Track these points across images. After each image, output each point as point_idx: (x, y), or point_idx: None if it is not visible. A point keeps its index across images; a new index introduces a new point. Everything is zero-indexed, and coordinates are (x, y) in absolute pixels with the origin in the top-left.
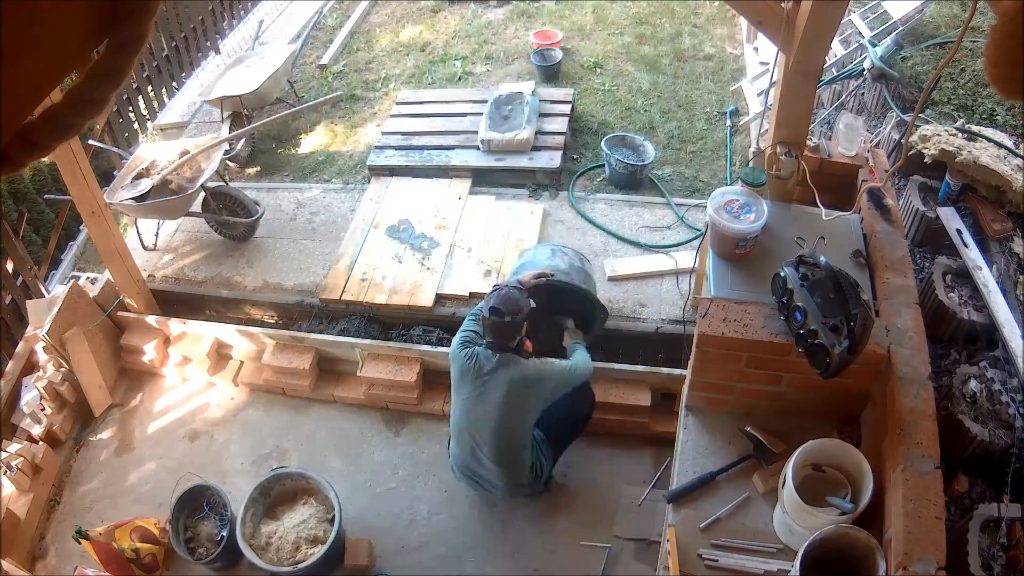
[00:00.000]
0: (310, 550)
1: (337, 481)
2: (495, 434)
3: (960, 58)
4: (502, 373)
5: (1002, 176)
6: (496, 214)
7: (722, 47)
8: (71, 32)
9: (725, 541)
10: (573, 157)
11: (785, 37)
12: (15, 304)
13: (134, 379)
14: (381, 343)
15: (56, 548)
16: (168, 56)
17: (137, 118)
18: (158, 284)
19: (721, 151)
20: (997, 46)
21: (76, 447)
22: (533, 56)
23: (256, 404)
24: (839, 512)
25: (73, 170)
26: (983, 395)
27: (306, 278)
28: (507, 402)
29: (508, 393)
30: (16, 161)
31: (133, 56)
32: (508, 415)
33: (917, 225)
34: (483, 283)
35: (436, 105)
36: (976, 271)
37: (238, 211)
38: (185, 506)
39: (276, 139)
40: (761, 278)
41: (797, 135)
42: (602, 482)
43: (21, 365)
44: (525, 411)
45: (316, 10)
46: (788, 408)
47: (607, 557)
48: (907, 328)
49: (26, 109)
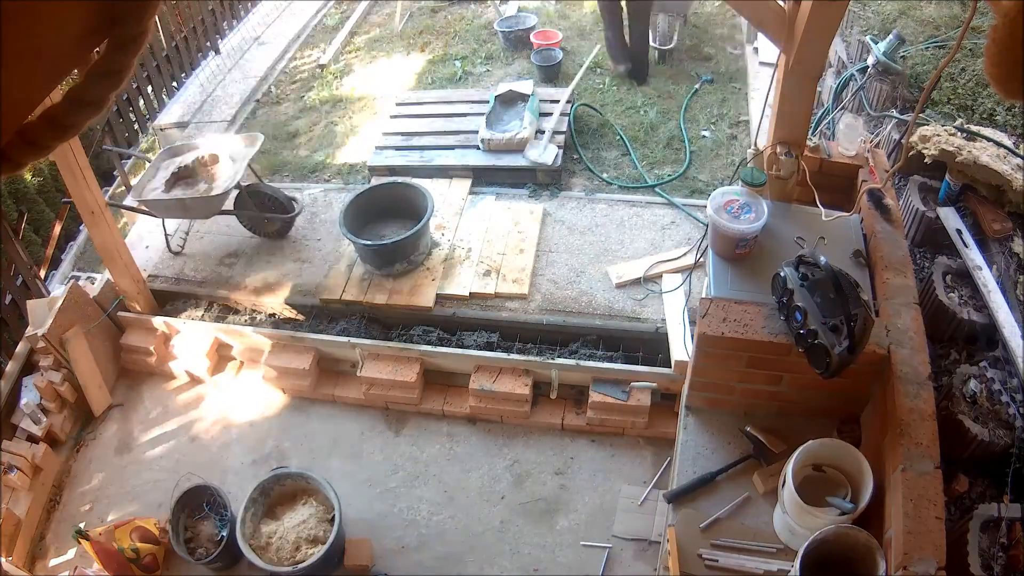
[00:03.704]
0: (310, 550)
1: (337, 481)
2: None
3: (960, 58)
4: None
5: (1002, 176)
6: (496, 214)
7: (722, 47)
8: (71, 32)
9: (725, 541)
10: (573, 157)
11: (785, 37)
12: (15, 304)
13: (134, 379)
14: (381, 343)
15: (56, 548)
16: (168, 56)
17: (137, 118)
18: (158, 284)
19: (721, 150)
20: (998, 46)
21: (76, 447)
22: (533, 56)
23: (256, 404)
24: (839, 512)
25: (73, 170)
26: (983, 395)
27: (306, 278)
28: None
29: None
30: (16, 161)
31: (133, 56)
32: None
33: (917, 225)
34: (483, 283)
35: (436, 105)
36: (976, 271)
37: (274, 208)
38: (185, 506)
39: (275, 139)
40: (761, 278)
41: (797, 135)
42: (602, 482)
43: (21, 365)
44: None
45: (316, 10)
46: (788, 408)
47: (607, 557)
48: (907, 328)
49: (26, 109)
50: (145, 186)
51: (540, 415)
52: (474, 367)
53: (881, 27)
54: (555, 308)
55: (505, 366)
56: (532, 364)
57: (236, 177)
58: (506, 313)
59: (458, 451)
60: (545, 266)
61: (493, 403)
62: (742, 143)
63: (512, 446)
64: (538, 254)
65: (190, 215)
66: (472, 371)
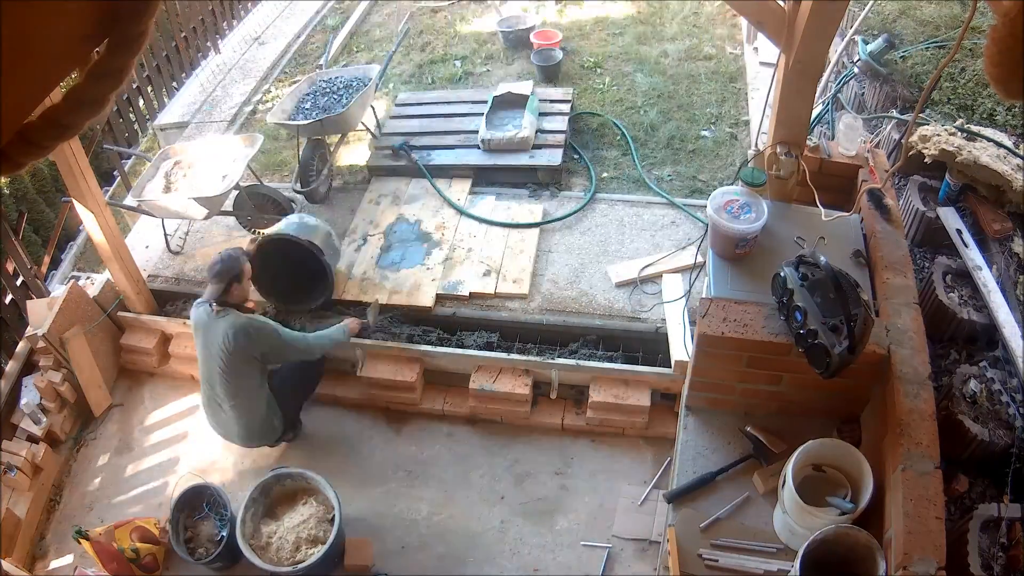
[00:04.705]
0: (310, 550)
1: (337, 481)
2: (224, 377)
3: (960, 58)
4: (222, 322)
5: (1002, 176)
6: (496, 214)
7: (722, 47)
8: (71, 32)
9: (725, 541)
10: (574, 157)
11: (785, 37)
12: (15, 304)
13: (134, 379)
14: (381, 343)
15: (56, 548)
16: (168, 56)
17: (137, 118)
18: (158, 284)
19: (721, 150)
20: (998, 46)
21: (76, 447)
22: (533, 56)
23: None
24: (839, 512)
25: (73, 170)
26: (983, 395)
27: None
28: (228, 348)
29: (227, 339)
30: (16, 161)
31: (133, 56)
32: (232, 359)
33: (917, 225)
34: (483, 283)
35: (436, 106)
36: (976, 271)
37: (274, 209)
38: (185, 506)
39: (275, 138)
40: (761, 278)
41: (797, 135)
42: (602, 482)
43: (21, 365)
44: (251, 358)
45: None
46: (788, 408)
47: (607, 557)
48: (907, 328)
49: (26, 109)
50: (145, 186)
51: (540, 415)
52: (474, 367)
53: (881, 27)
54: (555, 308)
55: (505, 366)
56: (532, 364)
57: (236, 177)
58: (506, 313)
59: (458, 451)
60: (545, 266)
61: (493, 403)
62: (742, 143)
63: (512, 446)
64: (538, 254)
65: (188, 216)
66: (472, 371)
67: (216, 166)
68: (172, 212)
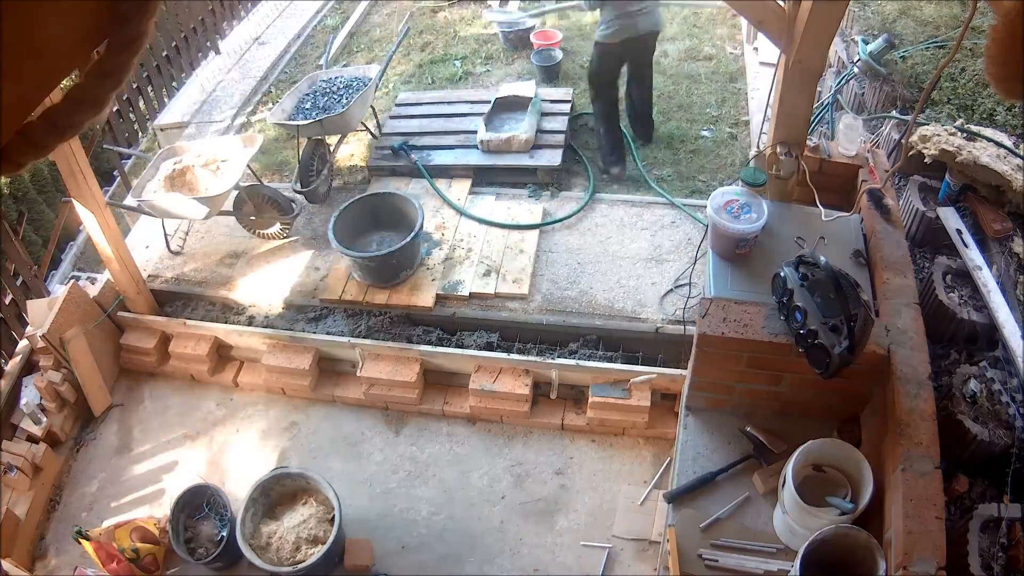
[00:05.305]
0: (310, 550)
1: (337, 481)
2: None
3: (960, 58)
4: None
5: (1002, 176)
6: (496, 214)
7: (722, 47)
8: (71, 32)
9: (725, 541)
10: (574, 158)
11: (785, 37)
12: (15, 304)
13: (134, 379)
14: (381, 343)
15: (56, 548)
16: (168, 56)
17: (137, 118)
18: (158, 284)
19: (721, 150)
20: (998, 46)
21: (76, 447)
22: (533, 56)
23: (256, 404)
24: (839, 512)
25: (73, 170)
26: (983, 395)
27: (306, 278)
28: None
29: None
30: (16, 161)
31: (133, 56)
32: None
33: (917, 225)
34: (483, 283)
35: (436, 106)
36: (976, 271)
37: (273, 210)
38: (185, 506)
39: (275, 139)
40: (761, 278)
41: (797, 135)
42: (602, 482)
43: (21, 365)
44: None
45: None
46: (788, 408)
47: (607, 557)
48: (907, 328)
49: (26, 109)
50: (145, 186)
51: (540, 415)
52: (474, 367)
53: (881, 27)
54: (555, 308)
55: (505, 366)
56: (532, 364)
57: (235, 177)
58: (506, 313)
59: (458, 451)
60: (545, 266)
61: (493, 403)
62: (742, 143)
63: (512, 446)
64: (538, 254)
65: (188, 216)
66: (472, 371)
67: (216, 166)
68: (172, 212)
